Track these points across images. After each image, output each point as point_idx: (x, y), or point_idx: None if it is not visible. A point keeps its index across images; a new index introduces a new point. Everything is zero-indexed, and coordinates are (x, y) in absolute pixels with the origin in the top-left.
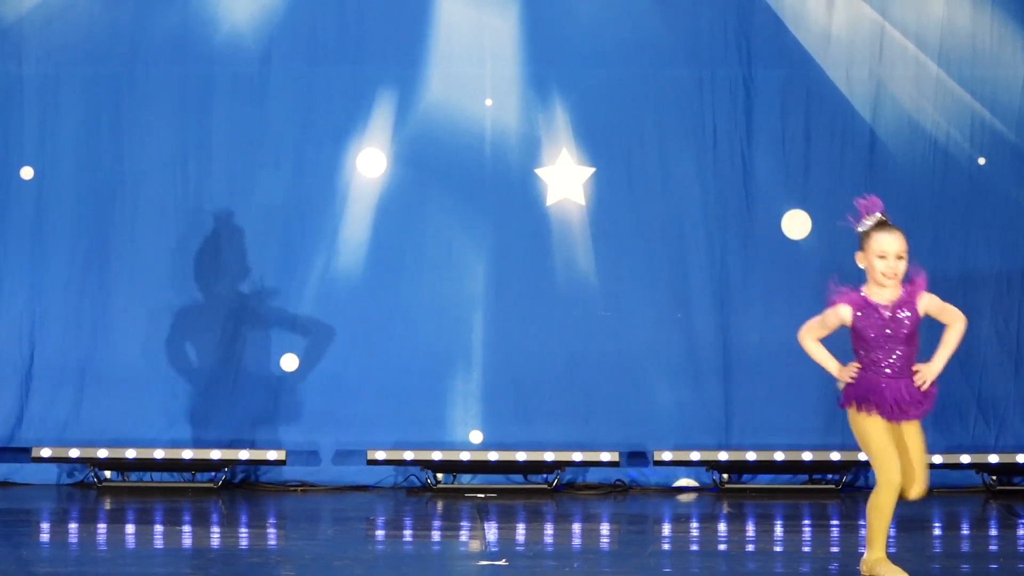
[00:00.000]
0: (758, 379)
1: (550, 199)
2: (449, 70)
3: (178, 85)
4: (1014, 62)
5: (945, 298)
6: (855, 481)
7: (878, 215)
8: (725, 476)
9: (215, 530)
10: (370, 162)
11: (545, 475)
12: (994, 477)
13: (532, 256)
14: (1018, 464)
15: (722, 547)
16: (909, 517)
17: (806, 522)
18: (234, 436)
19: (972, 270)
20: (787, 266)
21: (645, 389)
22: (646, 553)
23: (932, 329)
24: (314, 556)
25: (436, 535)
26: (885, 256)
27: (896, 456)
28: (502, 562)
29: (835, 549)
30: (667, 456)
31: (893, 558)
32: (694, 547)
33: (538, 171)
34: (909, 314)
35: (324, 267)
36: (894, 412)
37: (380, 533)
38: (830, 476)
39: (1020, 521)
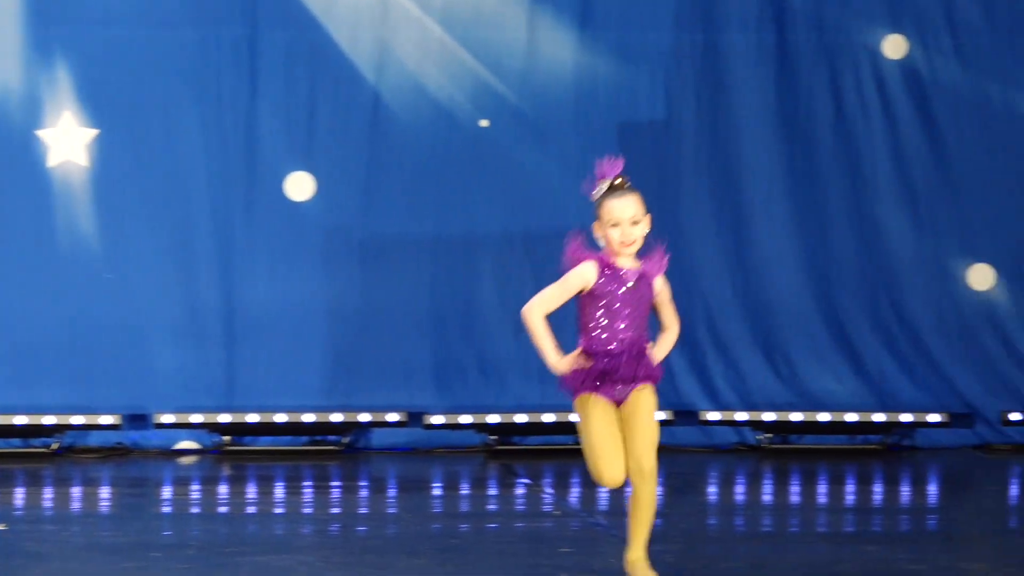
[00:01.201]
0: (262, 341)
1: (52, 161)
2: None
3: None
4: (517, 24)
5: (449, 259)
6: (356, 442)
7: (610, 180)
8: (227, 438)
9: None
10: None
11: (45, 439)
12: (494, 436)
13: (33, 219)
14: (517, 424)
15: (223, 509)
16: (411, 478)
17: (307, 484)
18: None
19: (475, 232)
20: (290, 228)
21: (147, 352)
22: (146, 516)
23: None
24: None
25: None
26: (619, 224)
27: (612, 454)
28: (1, 527)
29: (336, 510)
30: (168, 419)
31: (393, 519)
32: (195, 510)
33: (40, 133)
34: (649, 288)
35: None
36: (625, 384)
37: None
38: (332, 437)
39: (518, 480)
